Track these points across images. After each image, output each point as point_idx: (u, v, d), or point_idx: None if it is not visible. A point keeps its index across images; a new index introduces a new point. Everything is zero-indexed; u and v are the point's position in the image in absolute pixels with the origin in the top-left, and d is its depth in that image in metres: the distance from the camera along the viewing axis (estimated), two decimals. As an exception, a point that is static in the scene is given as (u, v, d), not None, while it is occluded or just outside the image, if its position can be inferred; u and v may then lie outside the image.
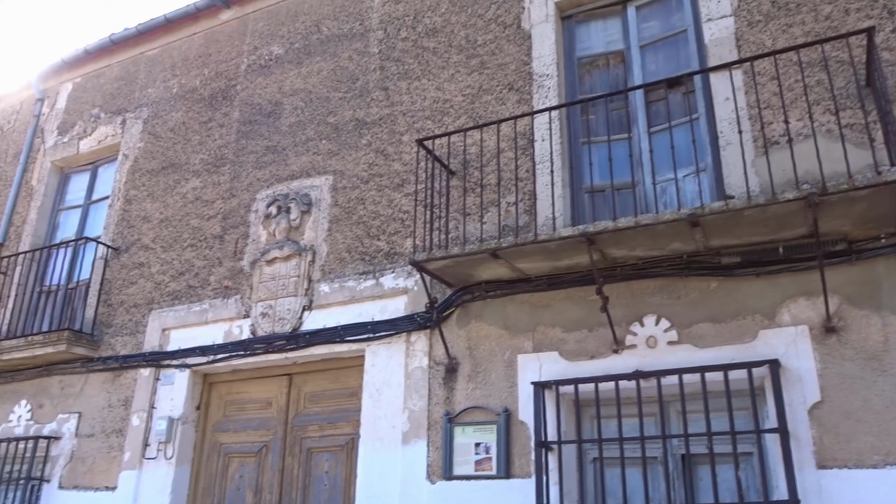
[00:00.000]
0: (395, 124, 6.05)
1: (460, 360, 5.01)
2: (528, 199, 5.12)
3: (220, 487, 5.94)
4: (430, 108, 5.92)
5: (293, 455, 5.71)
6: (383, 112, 6.17)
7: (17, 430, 6.96)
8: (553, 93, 5.38)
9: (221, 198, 6.78)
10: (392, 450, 5.02)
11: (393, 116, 6.09)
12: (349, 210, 5.96)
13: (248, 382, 6.16)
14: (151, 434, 6.09)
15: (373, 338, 5.38)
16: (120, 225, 7.37)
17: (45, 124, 8.87)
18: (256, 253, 6.26)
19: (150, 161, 7.51)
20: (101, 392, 6.62)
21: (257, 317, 5.97)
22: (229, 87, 7.31)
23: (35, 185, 8.51)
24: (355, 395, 5.50)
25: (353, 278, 5.65)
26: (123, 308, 6.86)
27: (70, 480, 6.41)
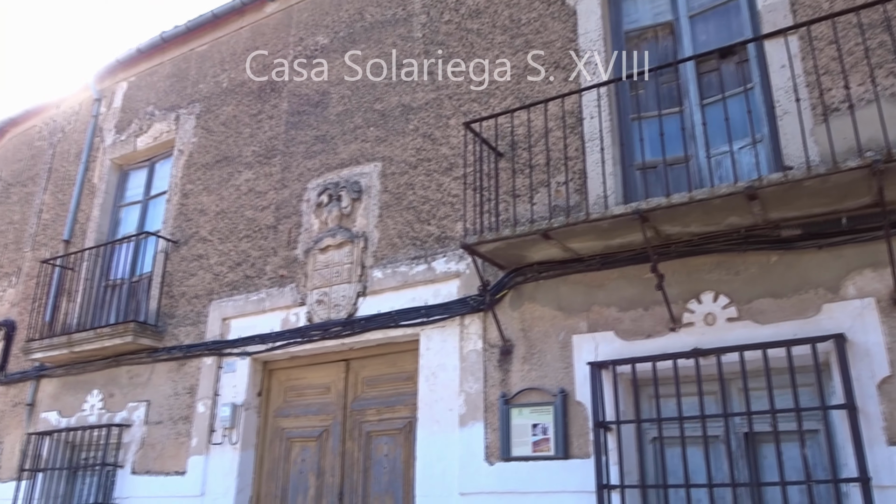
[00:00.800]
0: (441, 108, 6.05)
1: (515, 342, 5.01)
2: (578, 178, 5.06)
3: (284, 471, 6.10)
4: (476, 91, 5.89)
5: (353, 439, 5.82)
6: (429, 96, 6.16)
7: (91, 419, 7.28)
8: (601, 69, 5.29)
9: (274, 188, 6.90)
10: (449, 432, 5.07)
11: (439, 100, 6.08)
12: (399, 196, 5.99)
13: (306, 369, 6.29)
14: (216, 420, 6.28)
15: (427, 322, 5.42)
16: (178, 218, 7.57)
17: (103, 123, 9.16)
18: (310, 241, 6.36)
19: (204, 155, 7.69)
20: (167, 381, 6.85)
21: (313, 304, 6.07)
22: (277, 78, 7.40)
23: (96, 183, 8.81)
24: (411, 379, 5.57)
25: (406, 263, 5.70)
26: (185, 299, 7.07)
27: (142, 466, 6.67)
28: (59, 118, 10.14)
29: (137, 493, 6.58)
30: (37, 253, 9.22)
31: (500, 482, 4.73)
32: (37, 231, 9.50)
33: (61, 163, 9.66)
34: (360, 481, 5.66)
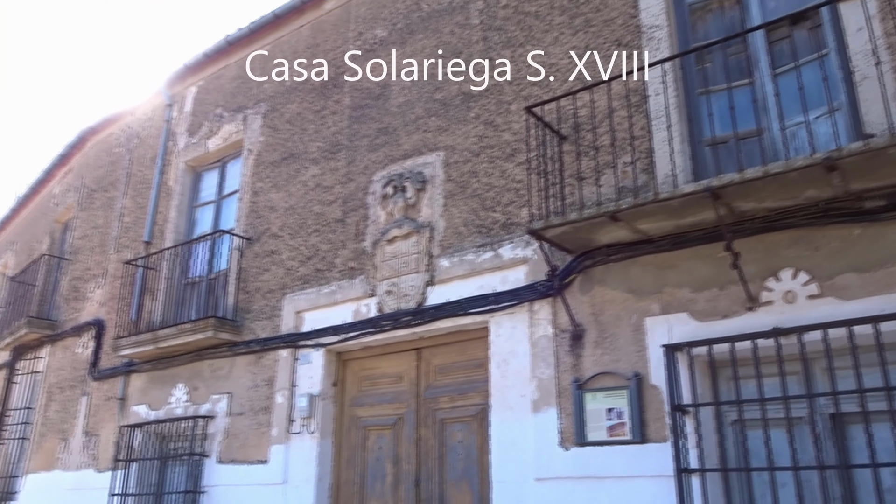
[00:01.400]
0: (501, 94, 6.01)
1: (586, 327, 4.97)
2: (645, 158, 4.96)
3: (361, 458, 6.23)
4: (537, 74, 5.83)
5: (427, 426, 5.89)
6: (489, 83, 6.14)
7: (178, 411, 7.61)
8: (664, 44, 5.15)
9: (340, 182, 7.02)
10: (523, 418, 5.07)
11: (499, 86, 6.05)
12: (463, 184, 6.00)
13: (378, 358, 6.40)
14: (294, 410, 6.47)
15: (496, 309, 5.42)
16: (250, 216, 7.80)
17: (175, 128, 9.51)
18: (377, 233, 6.44)
19: (272, 153, 7.88)
20: (246, 373, 7.10)
21: (383, 295, 6.16)
22: (338, 74, 7.51)
23: (172, 185, 9.16)
24: (482, 366, 5.59)
25: (472, 251, 5.71)
26: (260, 294, 7.29)
27: (227, 455, 6.94)
28: (135, 124, 10.57)
29: (224, 480, 6.86)
30: (120, 255, 9.67)
31: (576, 467, 4.71)
32: (119, 234, 9.95)
33: (139, 167, 10.08)
34: (436, 468, 5.73)
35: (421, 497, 5.73)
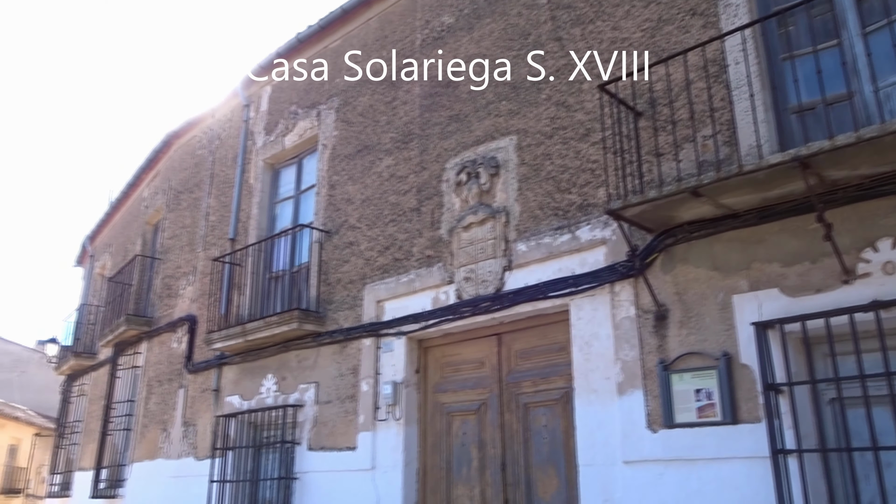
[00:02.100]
0: (572, 73, 5.91)
1: (670, 307, 4.85)
2: (726, 130, 4.78)
3: (447, 444, 6.31)
4: (609, 51, 5.71)
5: (511, 411, 5.90)
6: (559, 63, 6.04)
7: (268, 401, 7.89)
8: (742, 10, 4.93)
9: (413, 172, 7.08)
10: (608, 401, 5.01)
11: (570, 66, 5.95)
12: (537, 167, 5.95)
13: (459, 345, 6.45)
14: (380, 398, 6.60)
15: (575, 291, 5.37)
16: (328, 209, 7.98)
17: (253, 127, 9.80)
18: (452, 220, 6.47)
19: (346, 146, 8.02)
20: (331, 363, 7.28)
21: (461, 281, 6.19)
22: (407, 64, 7.56)
23: (252, 183, 9.46)
24: (564, 350, 5.55)
25: (549, 234, 5.66)
26: (341, 285, 7.46)
27: (317, 442, 7.16)
28: (216, 126, 10.96)
29: (315, 467, 7.08)
30: (207, 252, 10.08)
31: (665, 449, 4.63)
32: (206, 232, 10.37)
33: (221, 167, 10.45)
34: (521, 452, 5.74)
35: (507, 481, 5.76)
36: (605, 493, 4.87)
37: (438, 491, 6.23)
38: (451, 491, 6.15)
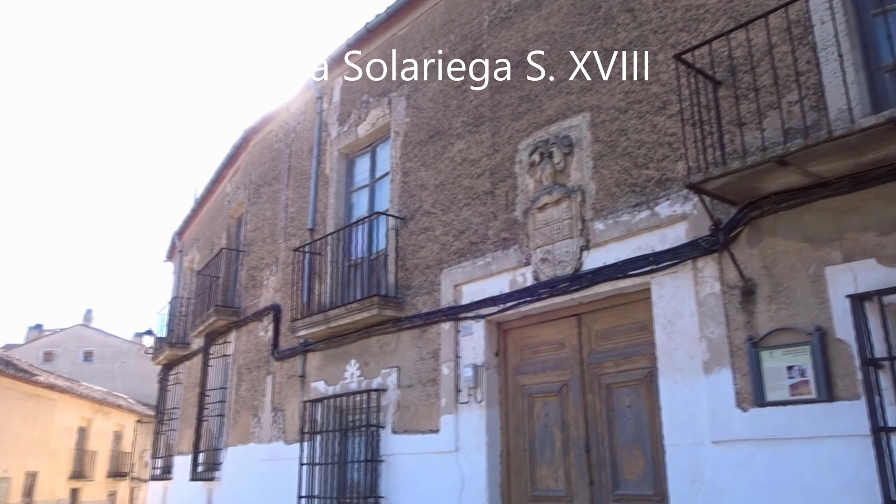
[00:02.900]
0: (646, 45, 5.74)
1: (757, 281, 4.68)
2: (813, 94, 4.54)
3: (529, 426, 6.31)
4: (683, 19, 5.51)
5: (593, 392, 5.84)
6: (632, 35, 5.88)
7: (352, 386, 8.08)
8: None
9: (486, 155, 7.06)
10: (694, 380, 4.89)
11: (643, 37, 5.78)
12: (612, 144, 5.83)
13: (538, 326, 6.42)
14: (461, 381, 6.65)
15: (656, 269, 5.24)
16: (402, 196, 8.06)
17: (327, 118, 9.99)
18: (527, 202, 6.43)
19: (418, 133, 8.07)
20: (412, 347, 7.39)
21: (538, 263, 6.15)
22: (476, 46, 7.52)
23: (328, 173, 9.66)
24: (646, 329, 5.44)
25: (627, 212, 5.54)
26: (418, 270, 7.54)
27: (400, 426, 7.29)
28: (291, 120, 11.23)
29: (399, 450, 7.22)
30: (288, 243, 10.37)
31: (756, 429, 4.48)
32: (286, 223, 10.67)
33: (297, 160, 10.71)
34: (605, 433, 5.68)
35: (592, 462, 5.71)
36: (694, 474, 4.76)
37: (522, 472, 6.25)
38: (535, 472, 6.15)
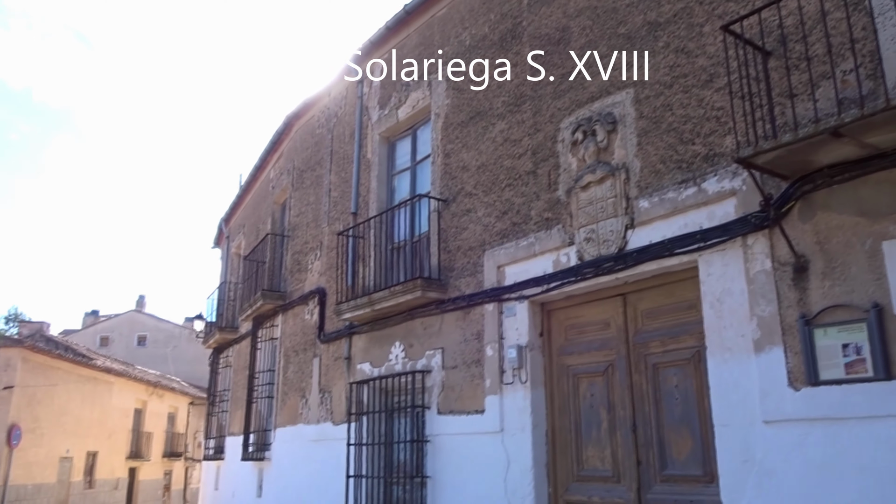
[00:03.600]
0: (692, 17, 5.59)
1: (809, 257, 4.54)
2: (869, 62, 4.36)
3: (574, 406, 6.27)
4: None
5: (639, 372, 5.78)
6: (676, 7, 5.73)
7: (397, 367, 8.15)
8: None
9: (527, 134, 6.99)
10: (744, 359, 4.79)
11: (688, 9, 5.62)
12: (656, 120, 5.71)
13: (582, 307, 6.36)
14: (505, 362, 6.65)
15: (704, 247, 5.13)
16: (444, 178, 8.05)
17: (367, 102, 10.01)
18: (570, 181, 6.35)
19: (458, 114, 8.03)
20: (455, 329, 7.40)
21: (581, 242, 6.09)
22: (516, 25, 7.43)
23: (370, 157, 9.69)
24: (694, 308, 5.35)
25: (673, 189, 5.43)
26: (460, 252, 7.53)
27: (445, 406, 7.33)
28: (332, 105, 11.30)
29: (444, 430, 7.26)
30: (332, 227, 10.47)
31: (810, 408, 4.37)
32: (329, 208, 10.77)
33: (339, 144, 10.78)
34: (652, 413, 5.62)
35: (639, 442, 5.66)
36: (745, 454, 4.68)
37: (568, 453, 6.23)
38: (582, 452, 6.13)
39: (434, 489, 7.27)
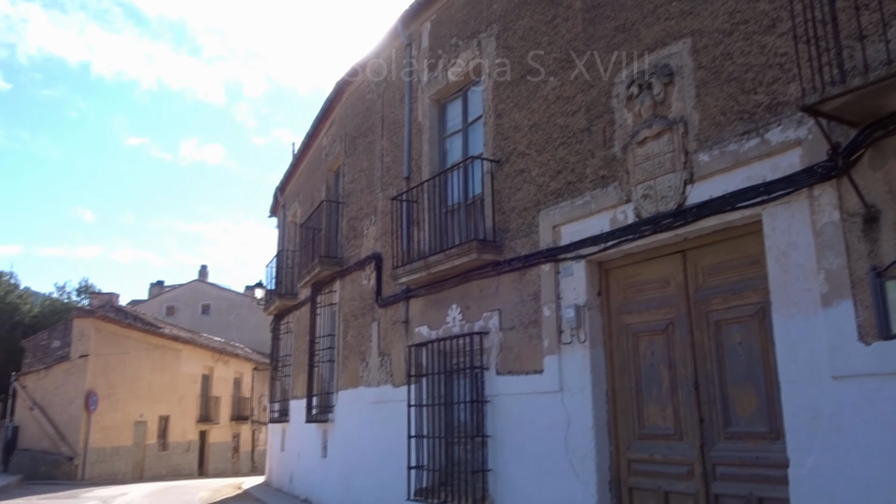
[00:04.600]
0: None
1: (881, 207, 4.36)
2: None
3: (634, 364, 6.24)
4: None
5: (701, 329, 5.69)
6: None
7: (455, 330, 8.23)
8: None
9: (581, 91, 6.85)
10: (810, 314, 4.66)
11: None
12: (716, 69, 5.51)
13: (641, 265, 6.28)
14: (563, 322, 6.64)
15: (768, 200, 4.98)
16: (496, 139, 7.98)
17: (416, 65, 9.95)
18: (625, 137, 6.22)
19: (509, 73, 7.91)
20: (512, 290, 7.41)
21: (639, 199, 5.98)
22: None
23: (421, 120, 9.67)
24: (757, 263, 5.22)
25: (734, 141, 5.26)
26: (515, 213, 7.49)
27: (504, 367, 7.38)
28: (381, 69, 11.27)
29: (503, 390, 7.33)
30: (386, 192, 10.54)
31: (882, 363, 4.24)
32: (382, 173, 10.82)
33: (390, 109, 10.78)
34: (715, 370, 5.54)
35: (702, 400, 5.60)
36: (812, 410, 4.59)
37: (629, 411, 6.22)
38: (643, 411, 6.11)
39: (494, 448, 7.37)
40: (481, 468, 7.43)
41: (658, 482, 5.87)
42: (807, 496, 4.55)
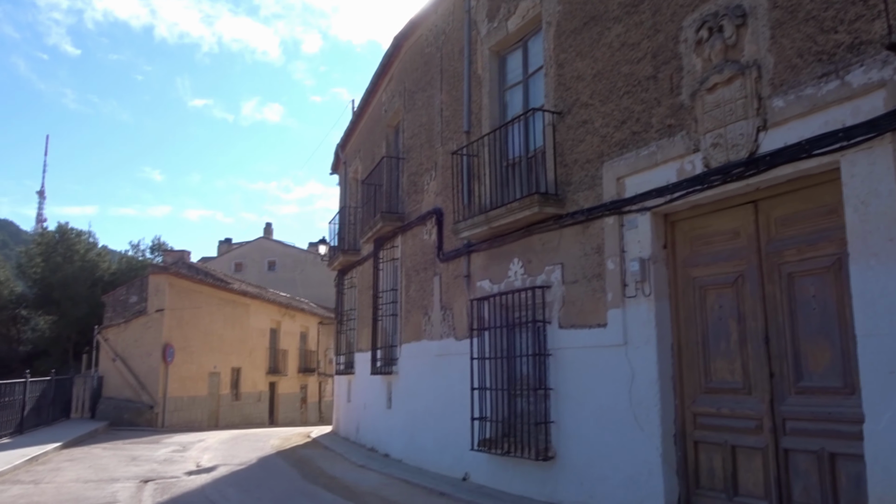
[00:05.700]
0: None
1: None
2: None
3: (702, 318, 6.11)
4: None
5: (772, 282, 5.52)
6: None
7: (516, 283, 8.22)
8: None
9: (646, 37, 6.60)
10: (892, 265, 4.45)
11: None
12: (792, 8, 5.21)
13: (709, 216, 6.10)
14: (627, 275, 6.54)
15: (847, 146, 4.73)
16: (558, 90, 7.80)
17: (475, 16, 9.76)
18: (694, 83, 5.98)
19: (571, 21, 7.68)
20: (575, 244, 7.32)
21: (708, 148, 5.77)
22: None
23: (480, 73, 9.52)
24: (834, 212, 5.00)
25: (812, 84, 5.00)
26: (577, 165, 7.36)
27: (566, 320, 7.35)
28: (440, 22, 11.11)
29: (566, 344, 7.31)
30: (445, 147, 10.49)
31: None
32: (441, 128, 10.76)
33: (449, 62, 10.65)
34: (786, 324, 5.38)
35: (772, 354, 5.47)
36: (891, 365, 4.41)
37: (695, 365, 6.12)
38: (710, 365, 6.00)
39: (557, 401, 7.40)
40: (544, 420, 7.49)
41: (725, 436, 5.80)
42: (883, 451, 4.42)
